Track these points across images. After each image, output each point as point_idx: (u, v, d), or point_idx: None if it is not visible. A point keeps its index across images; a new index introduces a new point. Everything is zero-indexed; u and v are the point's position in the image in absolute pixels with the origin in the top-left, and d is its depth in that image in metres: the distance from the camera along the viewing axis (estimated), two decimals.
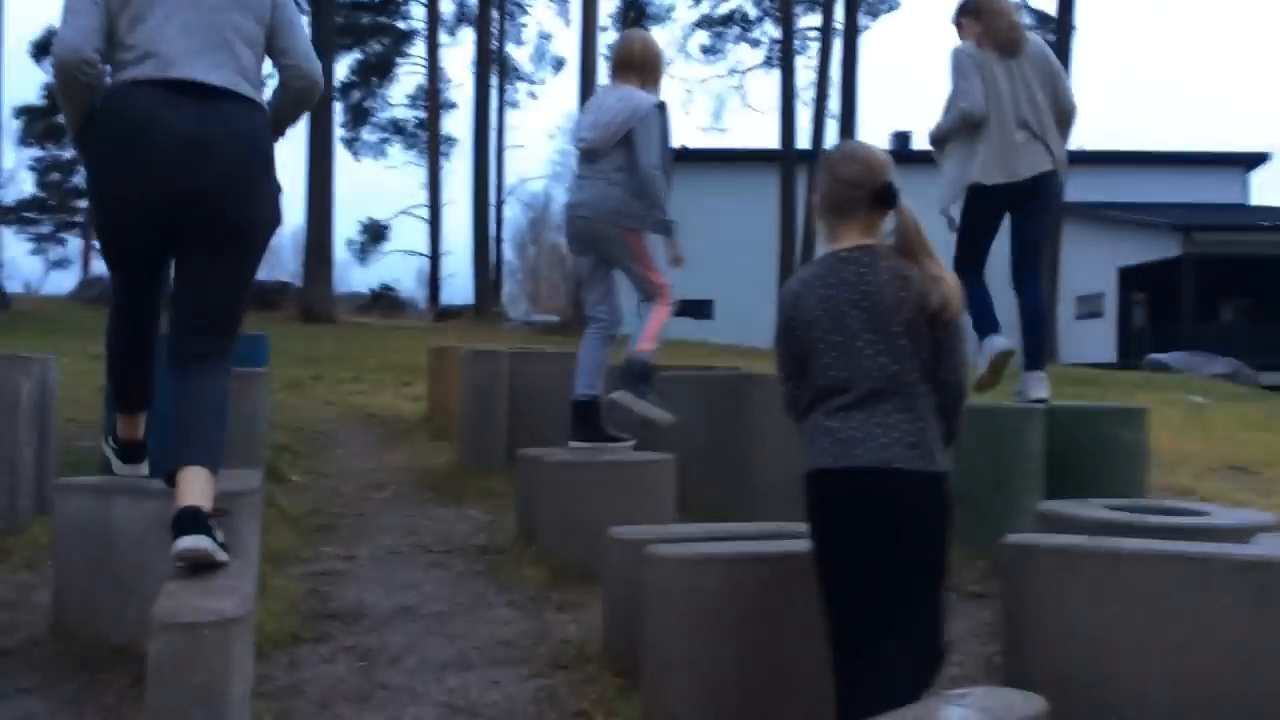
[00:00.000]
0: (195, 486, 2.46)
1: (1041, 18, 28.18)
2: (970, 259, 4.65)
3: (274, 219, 2.76)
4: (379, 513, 4.74)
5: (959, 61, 4.62)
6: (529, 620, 3.31)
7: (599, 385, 4.32)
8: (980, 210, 4.63)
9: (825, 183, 2.33)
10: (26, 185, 41.50)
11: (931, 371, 2.21)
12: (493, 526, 4.49)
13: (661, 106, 4.25)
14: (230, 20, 2.67)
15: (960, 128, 4.61)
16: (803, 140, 25.92)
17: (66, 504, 2.85)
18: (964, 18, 4.75)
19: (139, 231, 2.65)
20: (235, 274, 2.71)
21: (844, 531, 2.18)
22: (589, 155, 4.31)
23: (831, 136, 26.00)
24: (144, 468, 3.00)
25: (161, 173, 2.54)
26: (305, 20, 24.04)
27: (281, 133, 2.96)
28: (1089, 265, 27.27)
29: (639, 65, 4.36)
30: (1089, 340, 26.94)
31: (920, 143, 16.83)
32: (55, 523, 2.91)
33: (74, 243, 41.40)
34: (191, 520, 2.37)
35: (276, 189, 2.76)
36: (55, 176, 39.18)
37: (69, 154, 35.12)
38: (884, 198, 2.26)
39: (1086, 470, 4.13)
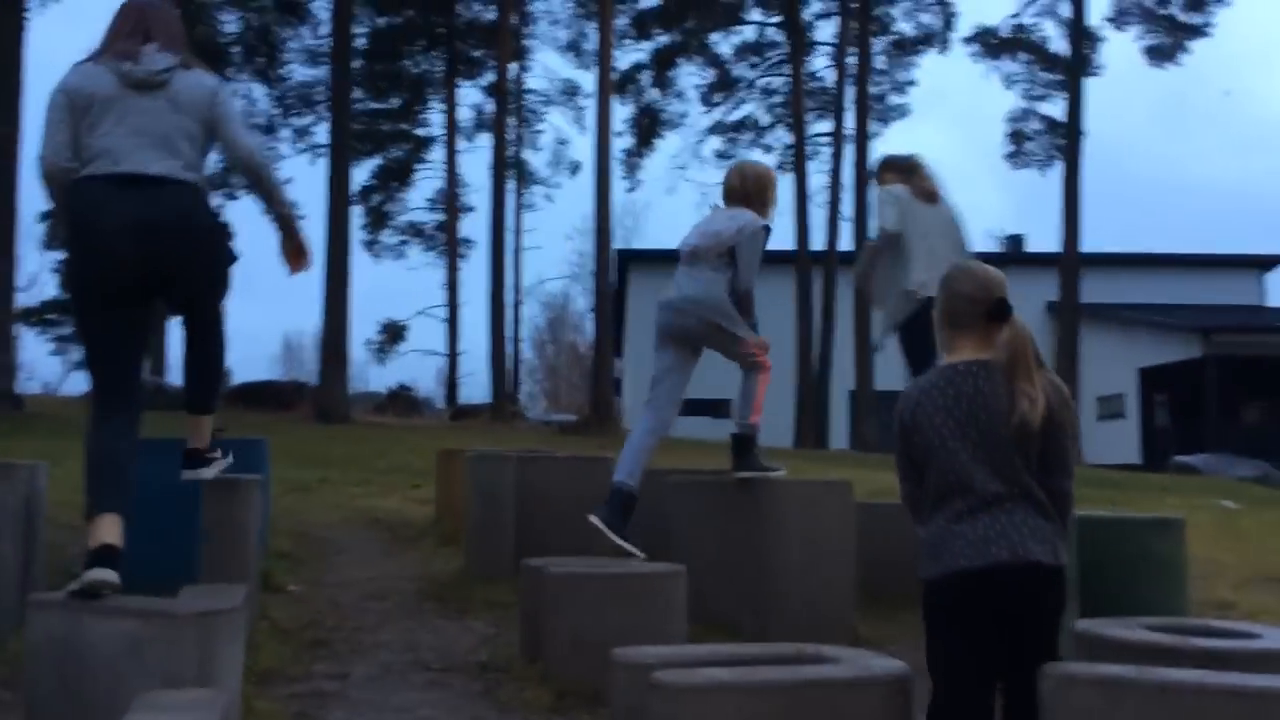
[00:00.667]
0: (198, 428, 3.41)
1: (1051, 124, 28.48)
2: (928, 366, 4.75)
3: (221, 258, 3.36)
4: (377, 626, 4.54)
5: (883, 199, 5.23)
6: None
7: (638, 476, 4.45)
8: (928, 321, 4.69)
9: (943, 298, 2.48)
10: (49, 288, 42.20)
11: (1042, 479, 2.31)
12: (496, 641, 4.28)
13: (766, 229, 4.58)
14: (171, 120, 3.22)
15: (883, 249, 5.23)
16: (817, 242, 26.07)
17: (37, 621, 2.69)
18: (887, 172, 5.36)
19: (106, 290, 3.13)
20: (203, 302, 3.39)
21: (984, 628, 2.25)
22: (691, 258, 4.59)
23: (845, 238, 26.18)
24: (112, 575, 2.74)
25: (117, 250, 3.09)
26: (325, 127, 24.19)
27: (276, 204, 3.48)
28: (1109, 366, 27.06)
29: (740, 192, 4.69)
30: (1112, 442, 26.56)
31: None
32: (26, 640, 2.74)
33: None
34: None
35: (219, 240, 3.35)
36: None
37: None
38: (998, 312, 2.37)
39: (1122, 585, 3.91)
